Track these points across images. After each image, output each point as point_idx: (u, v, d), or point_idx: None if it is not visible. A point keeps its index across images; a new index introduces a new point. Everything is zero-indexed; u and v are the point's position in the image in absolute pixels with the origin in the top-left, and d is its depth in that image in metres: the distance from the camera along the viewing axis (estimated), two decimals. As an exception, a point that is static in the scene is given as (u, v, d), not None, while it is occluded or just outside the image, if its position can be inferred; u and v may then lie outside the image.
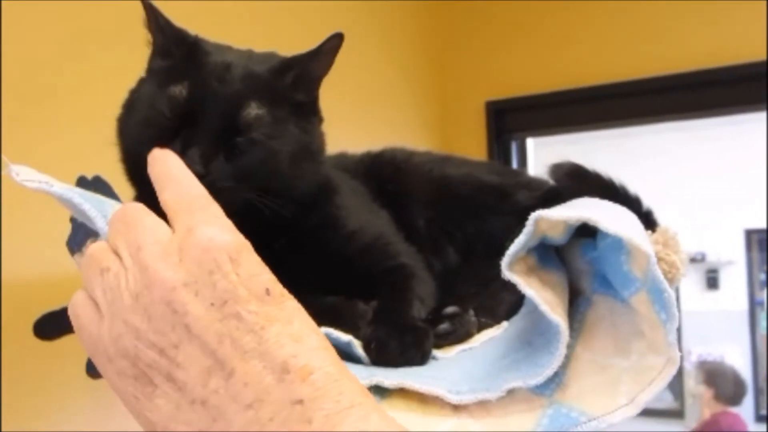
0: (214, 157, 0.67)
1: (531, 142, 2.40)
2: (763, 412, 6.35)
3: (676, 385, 6.81)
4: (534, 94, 2.23)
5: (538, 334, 0.61)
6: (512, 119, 2.31)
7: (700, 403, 4.41)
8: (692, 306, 6.66)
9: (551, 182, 0.85)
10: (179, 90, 0.69)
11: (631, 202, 0.78)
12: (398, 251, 0.79)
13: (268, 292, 0.45)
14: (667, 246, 0.66)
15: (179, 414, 0.43)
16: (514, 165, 2.32)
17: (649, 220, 0.77)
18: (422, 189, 0.87)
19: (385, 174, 0.89)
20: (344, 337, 0.63)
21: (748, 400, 5.89)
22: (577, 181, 0.80)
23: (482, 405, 0.56)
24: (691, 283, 6.66)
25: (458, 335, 0.69)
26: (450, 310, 0.70)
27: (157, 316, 0.43)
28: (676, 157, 6.28)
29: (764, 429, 5.54)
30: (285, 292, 0.46)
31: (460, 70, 2.38)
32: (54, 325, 1.15)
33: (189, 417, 0.43)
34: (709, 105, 2.16)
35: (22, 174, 0.55)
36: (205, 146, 0.67)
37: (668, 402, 7.04)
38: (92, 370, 1.32)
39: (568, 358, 0.58)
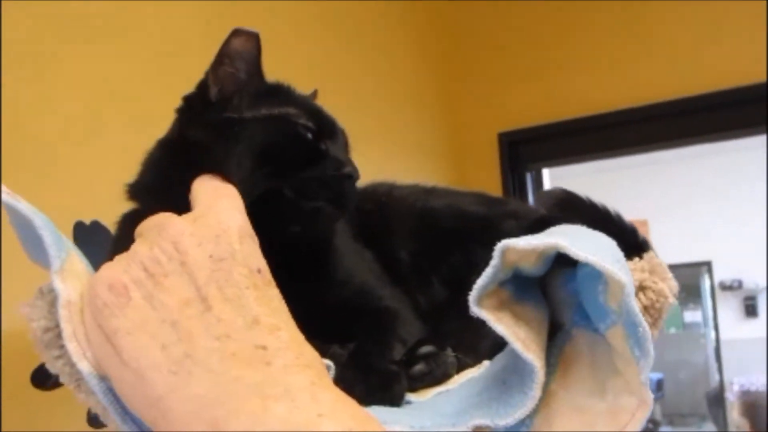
0: None
1: (548, 173, 2.35)
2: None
3: (720, 417, 6.63)
4: (545, 124, 2.19)
5: (514, 372, 0.57)
6: (526, 150, 2.27)
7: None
8: (731, 335, 6.50)
9: (542, 211, 0.82)
10: (294, 110, 0.72)
11: (626, 232, 0.74)
12: (382, 295, 0.77)
13: (259, 270, 0.50)
14: (654, 273, 0.61)
15: (146, 325, 0.47)
16: (530, 197, 2.27)
17: (644, 251, 0.72)
18: (405, 222, 0.84)
19: (367, 209, 0.86)
20: None
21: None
22: (567, 210, 0.76)
23: None
24: (729, 312, 6.52)
25: (435, 376, 0.64)
26: (425, 349, 0.66)
27: (159, 249, 0.49)
28: (710, 184, 6.18)
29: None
30: (273, 282, 0.51)
31: (471, 102, 2.35)
32: None
33: (156, 331, 0.46)
34: (708, 129, 2.11)
35: None
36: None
37: (712, 435, 6.85)
38: (94, 422, 1.29)
39: (542, 397, 0.54)
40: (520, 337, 0.54)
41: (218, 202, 0.55)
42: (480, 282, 0.54)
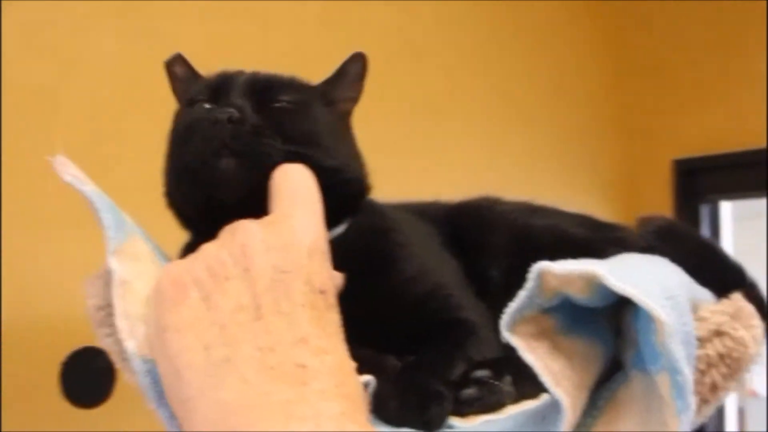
0: (249, 110, 0.65)
1: (728, 207, 2.15)
2: None
3: None
4: (727, 153, 2.01)
5: (554, 408, 0.52)
6: (703, 180, 2.10)
7: None
8: None
9: (651, 240, 0.75)
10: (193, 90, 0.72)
11: (729, 270, 0.67)
12: (460, 304, 0.73)
13: (322, 291, 0.48)
14: (737, 318, 0.54)
15: (196, 325, 0.46)
16: (704, 232, 2.09)
17: (750, 295, 0.64)
18: (501, 239, 0.80)
19: (465, 222, 0.83)
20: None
21: None
22: (665, 240, 0.69)
23: None
24: None
25: (485, 403, 0.60)
26: (479, 373, 0.61)
27: (227, 251, 0.49)
28: None
29: None
30: (335, 306, 0.49)
31: (646, 124, 2.21)
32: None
33: (203, 330, 0.46)
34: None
35: (63, 165, 0.57)
36: (239, 102, 0.65)
37: None
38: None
39: None
40: (552, 370, 0.49)
41: (296, 208, 0.53)
42: (513, 306, 0.51)
